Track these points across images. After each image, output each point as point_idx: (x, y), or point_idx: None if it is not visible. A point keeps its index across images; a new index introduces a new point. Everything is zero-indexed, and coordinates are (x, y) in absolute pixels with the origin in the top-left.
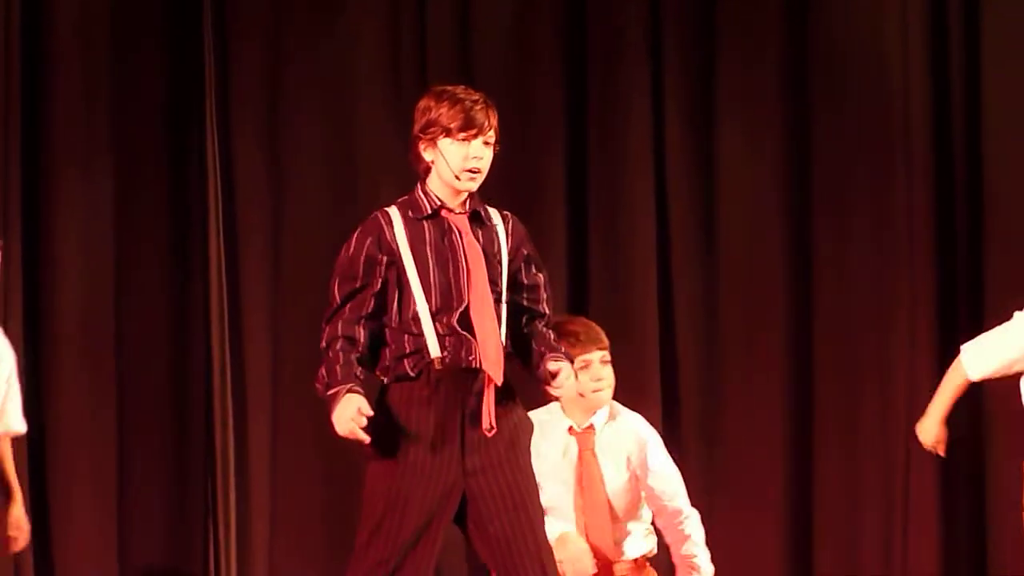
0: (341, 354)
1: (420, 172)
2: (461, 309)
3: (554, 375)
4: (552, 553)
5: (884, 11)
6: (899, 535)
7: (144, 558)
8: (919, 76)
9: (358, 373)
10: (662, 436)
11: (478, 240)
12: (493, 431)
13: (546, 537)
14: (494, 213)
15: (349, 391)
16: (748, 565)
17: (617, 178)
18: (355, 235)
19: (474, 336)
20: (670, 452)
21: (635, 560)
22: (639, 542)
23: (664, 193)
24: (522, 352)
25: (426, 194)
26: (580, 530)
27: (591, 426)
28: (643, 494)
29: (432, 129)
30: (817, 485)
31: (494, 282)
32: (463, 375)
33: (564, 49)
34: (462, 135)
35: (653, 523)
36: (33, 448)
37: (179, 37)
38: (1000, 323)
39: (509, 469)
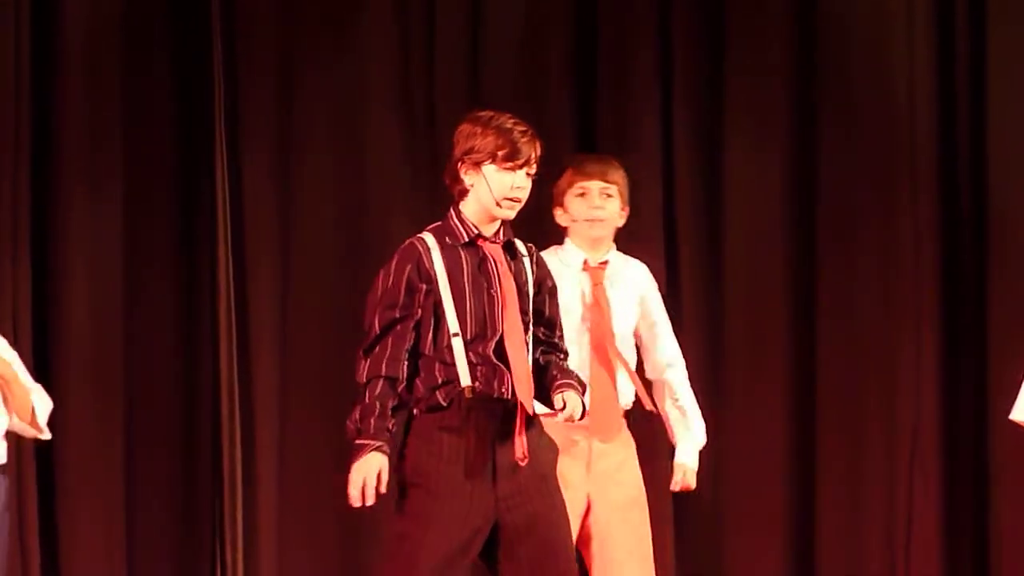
0: (378, 403)
1: (454, 194)
2: (496, 339)
3: (560, 409)
4: None
5: (890, 30)
6: (902, 545)
7: (152, 574)
8: (925, 95)
9: (390, 427)
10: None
11: (510, 270)
12: (526, 460)
13: (576, 567)
14: (520, 244)
15: (375, 450)
16: (752, 573)
17: None
18: (393, 262)
19: (507, 366)
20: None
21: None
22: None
23: (672, 210)
24: (537, 383)
25: (462, 221)
26: (583, 365)
27: (605, 261)
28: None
29: (476, 154)
30: (820, 496)
31: (524, 312)
32: (494, 404)
33: (574, 69)
34: (508, 164)
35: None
36: (41, 465)
37: (190, 60)
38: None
39: (540, 500)
